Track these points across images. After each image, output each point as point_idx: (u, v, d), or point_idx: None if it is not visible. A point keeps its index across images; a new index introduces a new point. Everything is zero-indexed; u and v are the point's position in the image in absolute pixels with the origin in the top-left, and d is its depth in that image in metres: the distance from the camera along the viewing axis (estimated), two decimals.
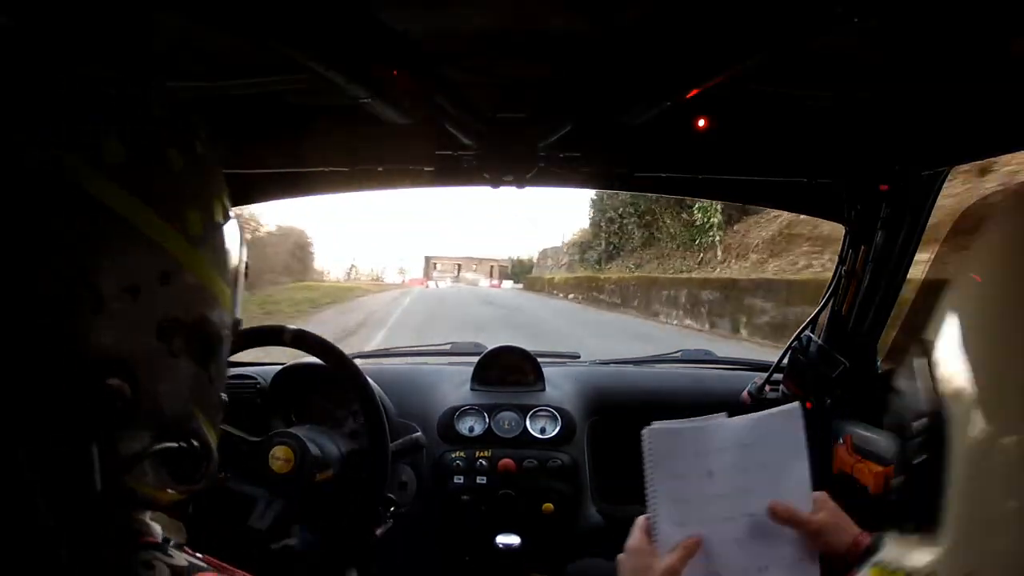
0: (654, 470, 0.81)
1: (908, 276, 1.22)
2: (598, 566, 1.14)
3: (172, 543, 0.43)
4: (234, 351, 1.13)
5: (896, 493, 0.40)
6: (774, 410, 0.84)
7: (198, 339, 0.42)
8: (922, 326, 0.38)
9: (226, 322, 0.45)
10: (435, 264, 67.50)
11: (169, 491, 0.42)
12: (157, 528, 0.44)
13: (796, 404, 0.84)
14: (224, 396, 0.48)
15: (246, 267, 0.50)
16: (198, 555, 0.44)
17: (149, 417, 0.40)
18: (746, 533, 0.78)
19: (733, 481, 0.80)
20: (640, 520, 0.80)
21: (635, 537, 0.78)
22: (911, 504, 0.39)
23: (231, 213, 0.46)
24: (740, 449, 0.82)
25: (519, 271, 49.32)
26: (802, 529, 0.77)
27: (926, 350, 0.38)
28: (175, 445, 0.42)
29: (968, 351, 0.35)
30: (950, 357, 0.36)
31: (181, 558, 0.41)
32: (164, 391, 0.40)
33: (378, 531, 1.09)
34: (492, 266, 61.53)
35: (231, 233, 0.46)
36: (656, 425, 0.85)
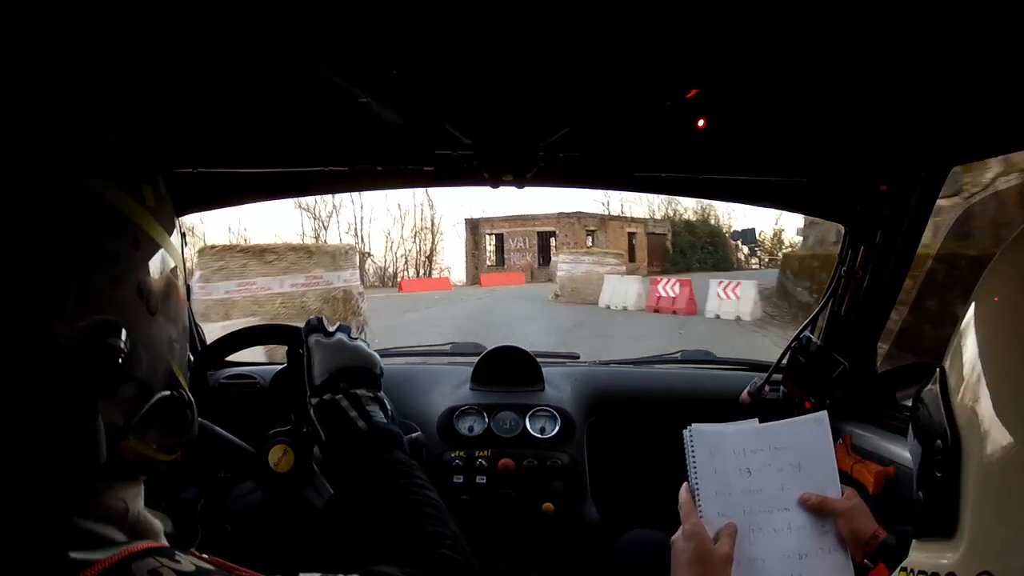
0: (698, 465, 0.91)
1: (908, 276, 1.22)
2: (649, 537, 1.15)
3: (176, 547, 0.43)
4: (238, 348, 1.13)
5: (917, 504, 0.44)
6: (805, 417, 0.96)
7: (167, 296, 0.47)
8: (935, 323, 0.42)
9: (183, 282, 0.51)
10: (491, 236, 29.12)
11: (163, 452, 0.46)
12: (160, 528, 0.44)
13: (824, 412, 0.95)
14: (190, 354, 0.54)
15: (182, 233, 0.55)
16: (204, 556, 0.44)
17: (141, 371, 0.44)
18: (784, 524, 0.88)
19: (770, 479, 0.91)
20: (684, 496, 0.89)
21: (691, 521, 0.85)
22: (933, 513, 0.42)
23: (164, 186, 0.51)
24: (774, 451, 0.93)
25: (713, 254, 29.92)
26: (833, 514, 0.88)
27: (943, 376, 0.42)
28: (168, 394, 0.46)
29: (988, 369, 0.39)
30: (965, 382, 0.40)
31: (188, 562, 0.41)
32: (149, 346, 0.45)
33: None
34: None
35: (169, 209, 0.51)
36: (697, 426, 0.95)
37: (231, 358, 1.20)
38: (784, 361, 1.36)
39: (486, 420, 1.37)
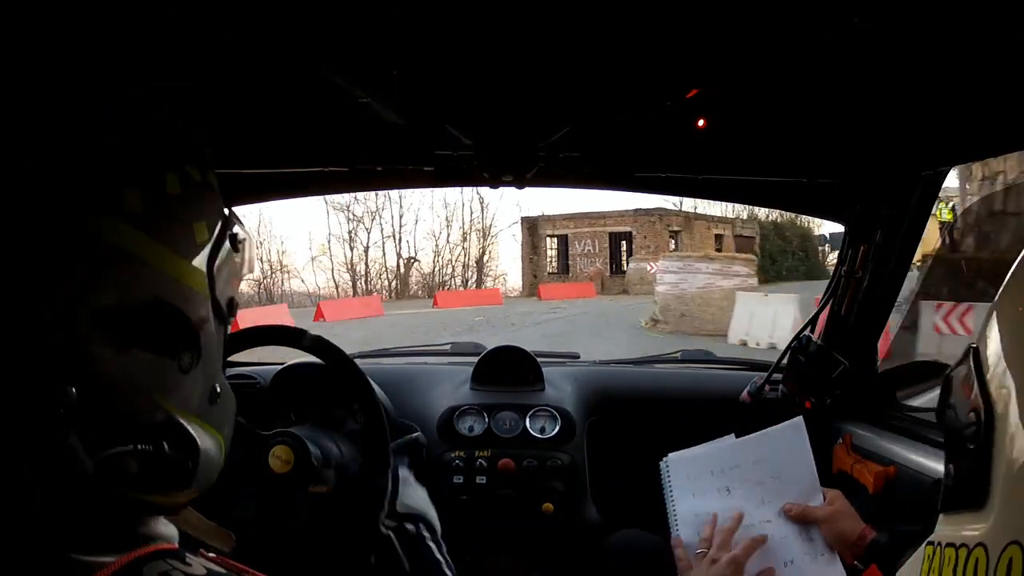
0: (675, 495, 0.93)
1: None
2: (641, 537, 1.15)
3: (186, 549, 0.42)
4: (239, 349, 1.12)
5: (947, 478, 0.45)
6: (779, 426, 0.95)
7: (153, 326, 0.38)
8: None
9: (197, 304, 0.41)
10: (552, 239, 24.48)
11: (174, 495, 0.40)
12: (173, 532, 0.43)
13: (800, 418, 0.95)
14: (218, 386, 0.44)
15: (238, 239, 0.45)
16: (212, 557, 0.43)
17: (106, 418, 0.37)
18: (768, 536, 0.87)
19: (750, 494, 0.91)
20: (676, 540, 0.91)
21: (682, 560, 0.88)
22: (961, 488, 0.42)
23: (196, 185, 0.42)
24: (752, 464, 0.93)
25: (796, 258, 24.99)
26: (816, 521, 0.88)
27: (977, 356, 0.43)
28: (131, 448, 0.38)
29: (1015, 360, 0.40)
30: (1000, 366, 0.41)
31: (198, 564, 0.40)
32: (118, 387, 0.37)
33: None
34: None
35: (196, 206, 0.42)
36: (672, 455, 0.96)
37: (231, 358, 1.20)
38: (784, 361, 1.36)
39: (486, 420, 1.37)
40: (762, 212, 25.47)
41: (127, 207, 0.37)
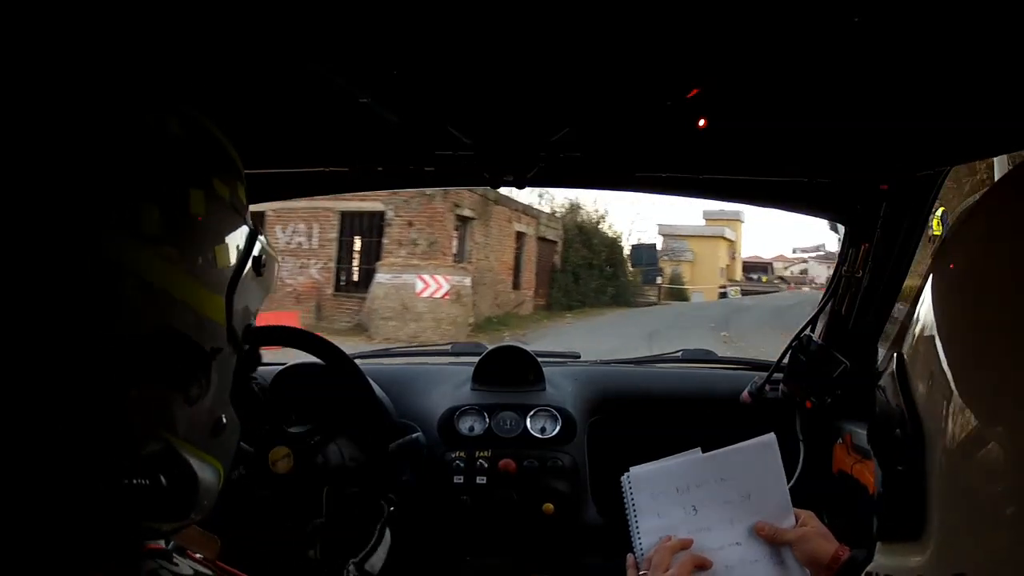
0: (638, 513, 0.87)
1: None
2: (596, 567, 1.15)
3: (175, 548, 0.42)
4: (280, 344, 1.11)
5: (880, 502, 0.40)
6: (749, 443, 0.90)
7: (163, 357, 0.36)
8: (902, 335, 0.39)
9: (212, 333, 0.39)
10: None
11: (170, 523, 0.40)
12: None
13: (771, 435, 0.90)
14: (224, 417, 0.42)
15: (261, 263, 0.43)
16: (200, 559, 0.43)
17: (106, 447, 0.35)
18: (737, 559, 0.83)
19: (718, 513, 0.86)
20: (630, 560, 0.85)
21: None
22: (895, 511, 0.38)
23: (222, 203, 0.40)
24: (720, 483, 0.87)
25: None
26: (788, 543, 0.83)
27: (900, 362, 0.38)
28: (130, 482, 0.36)
29: (942, 355, 0.35)
30: (923, 363, 0.36)
31: (185, 565, 0.41)
32: (119, 416, 0.35)
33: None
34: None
35: (220, 227, 0.39)
36: (634, 469, 0.90)
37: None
38: (784, 360, 1.36)
39: (486, 420, 1.37)
40: (566, 210, 17.66)
41: (144, 227, 0.35)
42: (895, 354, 0.39)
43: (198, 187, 0.38)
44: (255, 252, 0.42)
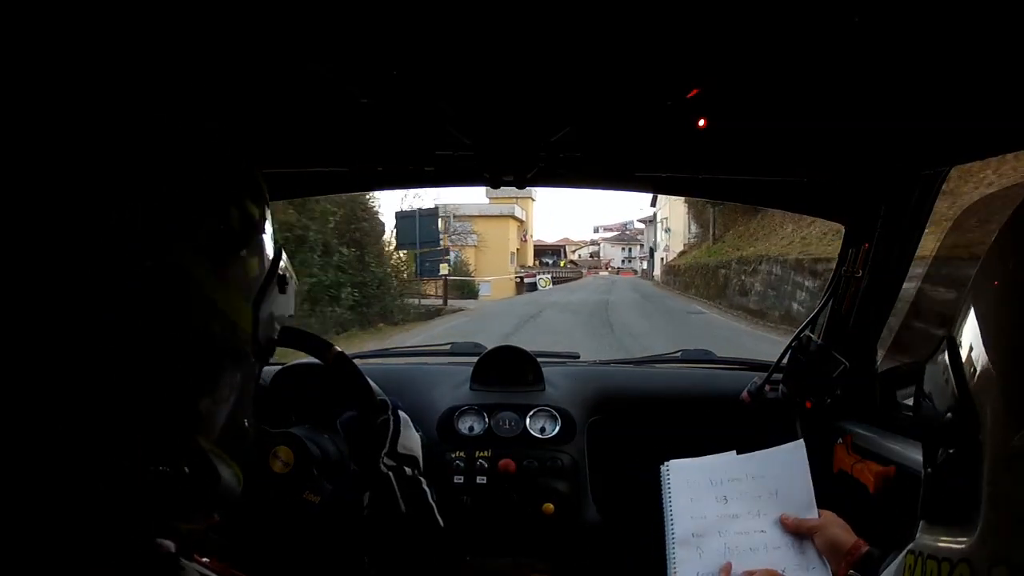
0: (673, 497, 0.97)
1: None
2: None
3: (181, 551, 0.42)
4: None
5: (927, 486, 0.40)
6: (782, 447, 1.00)
7: (200, 360, 0.38)
8: (938, 321, 0.39)
9: (242, 341, 0.41)
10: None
11: (194, 519, 0.41)
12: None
13: (801, 441, 1.01)
14: (246, 421, 0.44)
15: (285, 281, 0.45)
16: (205, 560, 0.44)
17: (138, 439, 0.37)
18: (761, 544, 0.92)
19: (746, 505, 0.95)
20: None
21: None
22: (943, 496, 0.38)
23: (253, 221, 0.42)
24: (751, 480, 0.97)
25: None
26: (809, 531, 0.90)
27: (953, 346, 0.38)
28: (155, 469, 0.37)
29: (996, 349, 0.35)
30: (979, 354, 0.36)
31: (192, 569, 0.41)
32: (152, 412, 0.37)
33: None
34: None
35: (252, 242, 0.42)
36: (674, 461, 1.01)
37: None
38: (784, 360, 1.36)
39: (486, 420, 1.37)
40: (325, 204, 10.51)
41: (199, 238, 0.37)
42: (946, 336, 0.39)
43: (237, 206, 0.41)
44: (279, 271, 0.45)
